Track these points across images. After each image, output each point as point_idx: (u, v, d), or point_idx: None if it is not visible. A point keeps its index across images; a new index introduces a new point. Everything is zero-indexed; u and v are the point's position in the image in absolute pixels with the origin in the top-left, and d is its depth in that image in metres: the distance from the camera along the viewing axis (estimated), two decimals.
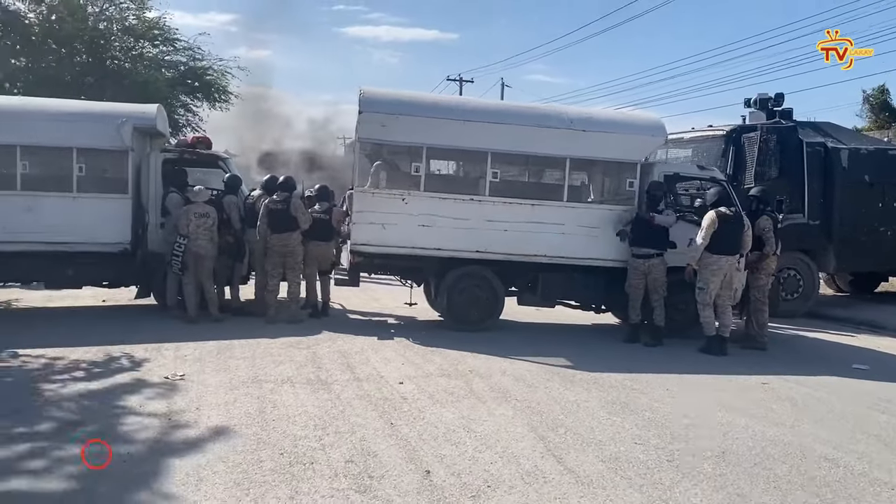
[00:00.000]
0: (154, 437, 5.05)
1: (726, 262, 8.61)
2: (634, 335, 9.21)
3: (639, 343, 9.07)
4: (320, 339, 8.60)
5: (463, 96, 20.39)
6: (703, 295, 8.68)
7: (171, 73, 20.83)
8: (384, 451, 4.83)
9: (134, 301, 10.41)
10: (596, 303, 10.04)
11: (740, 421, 5.92)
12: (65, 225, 9.37)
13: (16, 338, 8.07)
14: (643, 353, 8.69)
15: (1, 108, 10.14)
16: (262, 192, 10.00)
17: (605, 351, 8.74)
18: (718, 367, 7.96)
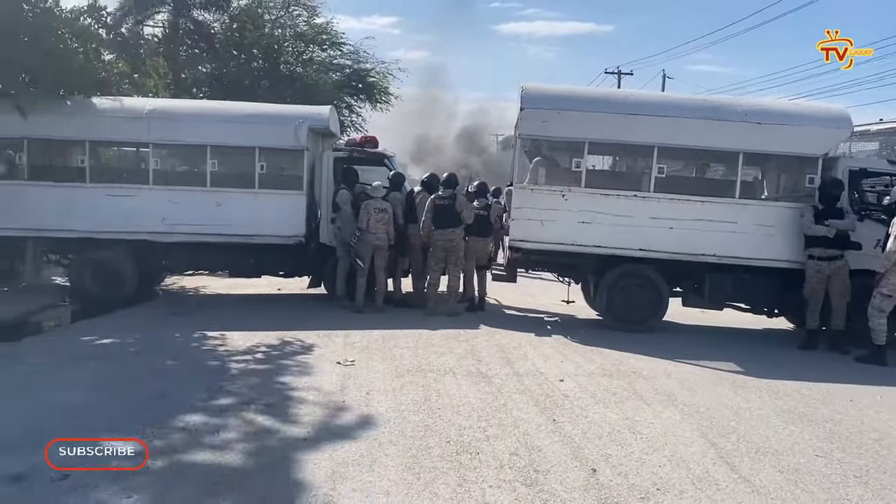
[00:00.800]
0: (329, 418, 5.35)
1: None
2: (812, 342, 8.59)
3: (816, 350, 8.44)
4: (478, 332, 8.73)
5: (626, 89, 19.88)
6: (887, 302, 7.91)
7: (337, 76, 21.91)
8: (548, 447, 4.83)
9: (306, 290, 11.09)
10: (768, 306, 9.44)
11: None
12: (247, 219, 10.14)
13: (204, 321, 8.90)
14: (821, 360, 8.09)
15: (194, 111, 11.18)
16: (421, 189, 10.33)
17: (777, 357, 8.23)
18: None
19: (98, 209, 9.94)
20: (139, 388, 5.99)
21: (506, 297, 11.30)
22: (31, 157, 10.20)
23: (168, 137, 10.31)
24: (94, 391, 5.87)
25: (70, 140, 10.47)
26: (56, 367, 6.68)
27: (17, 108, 9.54)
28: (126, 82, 12.79)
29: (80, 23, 11.06)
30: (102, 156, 11.74)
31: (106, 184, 10.24)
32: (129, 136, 10.51)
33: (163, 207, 10.05)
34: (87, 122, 10.14)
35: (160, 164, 10.57)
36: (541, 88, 9.67)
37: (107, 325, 8.71)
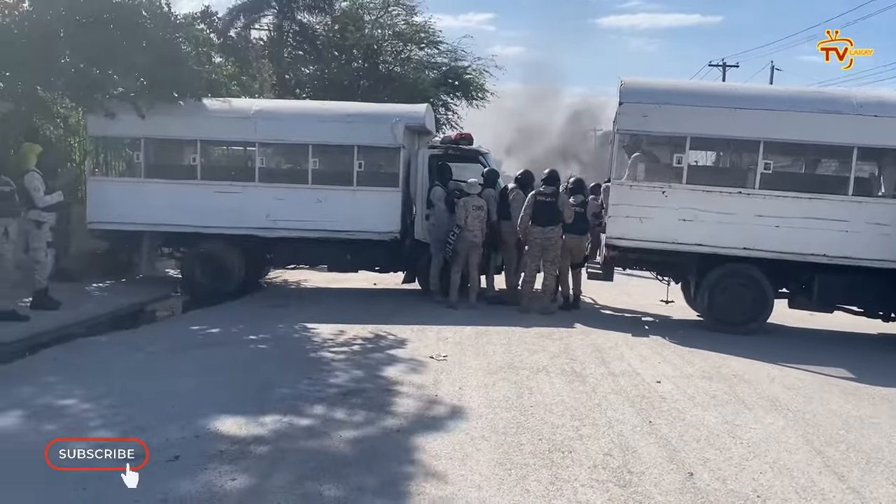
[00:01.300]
0: (422, 411, 5.44)
1: None
2: None
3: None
4: (573, 331, 8.64)
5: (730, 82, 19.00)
6: None
7: (434, 74, 22.15)
8: (643, 449, 4.74)
9: (401, 285, 11.29)
10: (884, 309, 8.88)
11: None
12: (345, 215, 10.42)
13: (305, 313, 9.22)
14: None
15: (297, 111, 11.60)
16: (515, 186, 10.31)
17: (893, 364, 7.73)
18: None
19: (208, 205, 10.44)
20: (245, 375, 6.28)
21: (602, 297, 11.11)
22: (147, 155, 10.84)
23: (273, 137, 10.74)
24: (205, 377, 6.20)
25: (182, 139, 11.06)
26: (170, 355, 7.10)
27: (135, 109, 10.17)
28: (234, 84, 13.38)
29: (193, 28, 11.67)
30: (212, 154, 12.34)
31: (215, 181, 10.76)
32: (236, 135, 11.03)
33: (267, 204, 10.46)
34: (198, 123, 10.68)
35: (265, 162, 11.04)
36: (640, 82, 9.46)
37: (215, 316, 9.17)
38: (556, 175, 9.87)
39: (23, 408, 5.26)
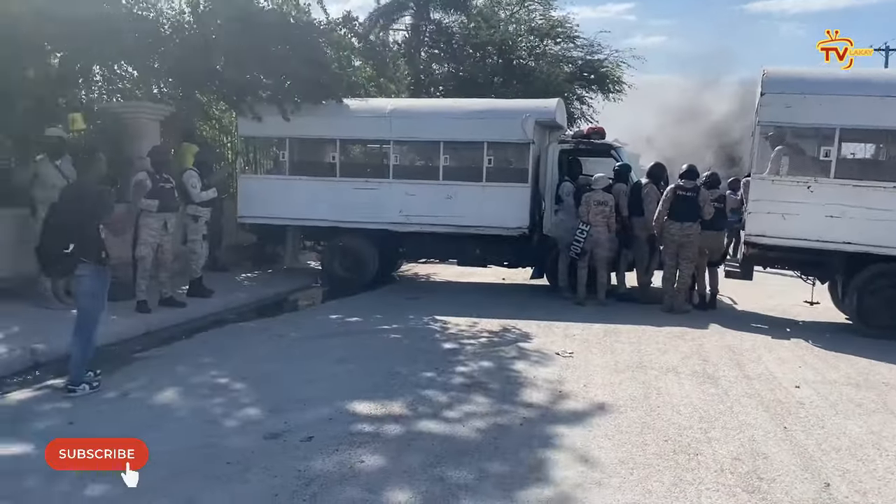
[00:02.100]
0: (546, 406, 5.49)
1: None
2: None
3: None
4: (707, 332, 8.35)
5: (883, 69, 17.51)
6: None
7: (569, 68, 21.87)
8: (776, 455, 4.55)
9: (529, 281, 11.33)
10: None
11: None
12: (474, 211, 10.59)
13: (435, 306, 9.51)
14: None
15: (430, 109, 11.92)
16: (649, 181, 10.06)
17: None
18: None
19: (346, 201, 10.94)
20: (378, 363, 6.59)
21: (740, 297, 10.61)
22: (292, 154, 11.52)
23: (406, 134, 11.10)
24: (340, 364, 6.57)
25: (323, 139, 11.66)
26: (309, 341, 7.56)
27: (280, 111, 10.83)
28: (371, 85, 13.91)
29: (336, 33, 12.26)
30: (350, 152, 12.91)
31: (352, 178, 11.26)
32: (373, 133, 11.50)
33: (400, 199, 10.83)
34: (338, 122, 11.22)
35: (399, 159, 11.42)
36: (784, 72, 8.96)
37: (351, 306, 9.63)
38: (696, 170, 9.54)
39: (181, 385, 5.82)
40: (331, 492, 3.86)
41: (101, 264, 5.51)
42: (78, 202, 5.48)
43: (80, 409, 5.18)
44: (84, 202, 5.47)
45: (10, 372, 6.05)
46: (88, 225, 5.45)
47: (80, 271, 5.44)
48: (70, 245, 5.33)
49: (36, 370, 6.19)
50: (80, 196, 5.56)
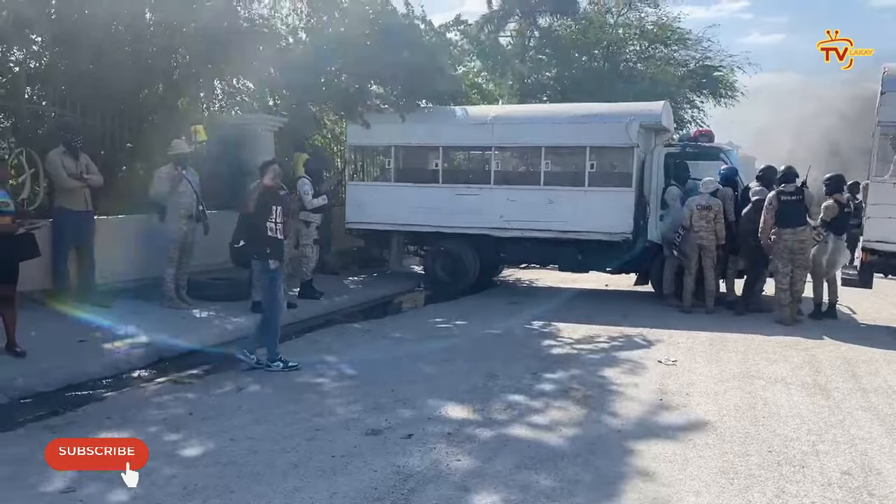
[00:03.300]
0: (645, 414, 5.43)
1: None
2: None
3: None
4: (821, 343, 7.96)
5: None
6: None
7: (680, 71, 21.30)
8: (890, 471, 4.32)
9: (633, 287, 11.15)
10: None
11: None
12: (576, 216, 10.54)
13: (535, 311, 9.56)
14: None
15: (531, 115, 11.99)
16: (761, 186, 9.65)
17: None
18: None
19: (448, 207, 11.16)
20: (476, 365, 6.71)
21: (861, 307, 10.01)
22: (397, 161, 11.87)
23: (508, 140, 11.22)
24: (439, 365, 6.74)
25: (427, 146, 11.93)
26: (411, 343, 7.79)
27: (398, 113, 11.20)
28: (474, 91, 14.13)
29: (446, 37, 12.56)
30: (453, 159, 13.15)
31: (455, 184, 11.47)
32: (475, 140, 11.66)
33: (501, 205, 10.93)
34: (441, 130, 11.48)
35: (500, 165, 11.52)
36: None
37: (452, 310, 9.81)
38: (794, 171, 9.08)
39: (290, 382, 6.17)
40: (425, 489, 3.99)
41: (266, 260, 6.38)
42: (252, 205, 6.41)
43: (200, 402, 5.59)
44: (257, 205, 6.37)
45: (135, 366, 6.58)
46: (258, 225, 6.35)
47: (254, 266, 6.61)
48: (241, 241, 6.51)
49: (161, 364, 6.71)
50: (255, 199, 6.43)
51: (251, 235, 6.45)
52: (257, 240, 6.39)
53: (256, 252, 6.44)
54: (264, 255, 6.37)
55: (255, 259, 6.56)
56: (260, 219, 6.34)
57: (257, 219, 6.36)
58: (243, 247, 6.54)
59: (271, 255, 6.37)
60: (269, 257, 6.37)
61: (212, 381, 6.19)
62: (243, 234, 6.56)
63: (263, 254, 6.37)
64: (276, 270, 6.45)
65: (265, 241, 6.36)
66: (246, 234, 6.52)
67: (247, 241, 6.50)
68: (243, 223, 6.63)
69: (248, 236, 6.50)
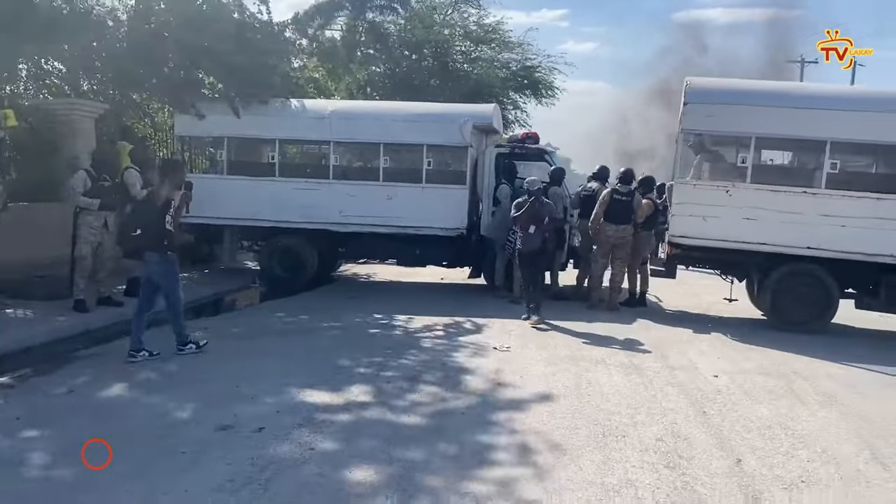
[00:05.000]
0: (484, 396, 5.79)
1: None
2: None
3: None
4: (634, 327, 8.83)
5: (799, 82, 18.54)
6: None
7: (503, 73, 22.31)
8: (695, 436, 4.97)
9: (467, 280, 11.64)
10: None
11: None
12: (414, 212, 10.83)
13: (375, 304, 9.73)
14: None
15: (370, 111, 12.11)
16: (600, 184, 10.47)
17: None
18: None
19: (285, 201, 11.01)
20: (321, 358, 6.77)
21: (667, 295, 11.20)
22: (230, 154, 11.53)
23: (347, 136, 11.25)
24: (284, 360, 6.71)
25: (262, 139, 11.66)
26: (250, 340, 7.65)
27: (232, 107, 10.85)
28: (311, 86, 14.00)
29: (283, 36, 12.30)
30: (289, 153, 12.96)
31: (292, 178, 11.34)
32: (312, 134, 11.61)
33: (340, 200, 10.97)
34: (278, 123, 11.27)
35: (339, 160, 11.53)
36: (706, 82, 9.55)
37: (292, 306, 9.73)
38: (632, 174, 10.05)
39: (127, 381, 5.89)
40: (286, 475, 4.05)
41: (165, 251, 6.60)
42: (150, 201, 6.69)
43: (31, 405, 5.21)
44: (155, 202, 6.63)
45: None
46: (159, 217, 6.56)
47: (148, 257, 6.60)
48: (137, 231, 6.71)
49: None
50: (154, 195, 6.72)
51: (148, 227, 6.62)
52: (155, 231, 6.56)
53: (153, 243, 6.58)
54: (163, 247, 6.57)
55: (150, 251, 6.61)
56: (162, 211, 6.56)
57: (160, 211, 6.56)
58: (139, 237, 6.72)
59: (169, 245, 6.63)
60: (168, 248, 6.61)
61: (40, 384, 5.79)
62: (140, 225, 6.74)
63: (161, 245, 6.56)
64: (174, 259, 6.74)
65: (163, 233, 6.57)
66: (143, 226, 6.69)
67: (143, 232, 6.67)
68: (140, 215, 6.84)
69: (144, 228, 6.67)
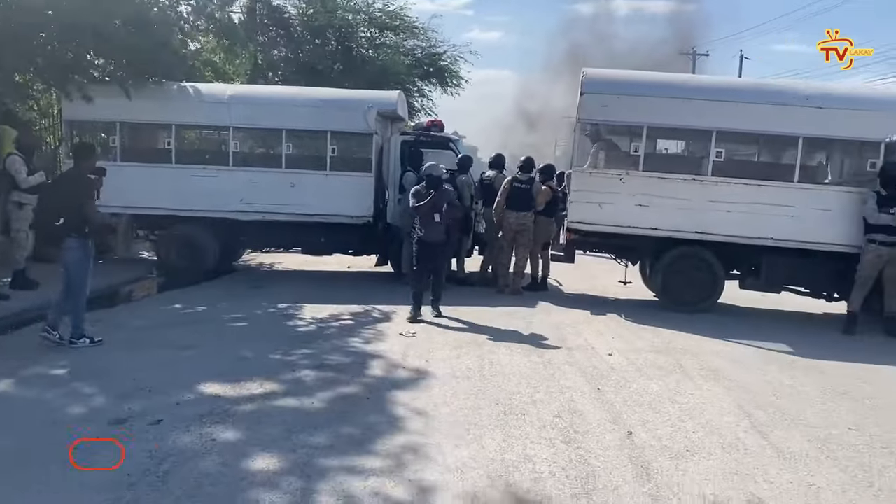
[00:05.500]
0: (390, 380, 5.86)
1: None
2: (853, 325, 8.57)
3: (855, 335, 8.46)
4: (536, 310, 9.10)
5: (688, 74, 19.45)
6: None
7: (408, 60, 22.27)
8: (590, 412, 5.20)
9: (374, 268, 11.65)
10: (827, 290, 9.44)
11: None
12: (319, 199, 10.71)
13: (280, 294, 9.60)
14: (875, 344, 8.12)
15: (271, 96, 11.85)
16: (496, 172, 10.67)
17: (832, 339, 8.30)
18: None
19: (183, 188, 10.65)
20: (222, 349, 6.65)
21: (567, 279, 11.58)
22: (123, 139, 11.04)
23: (247, 121, 10.97)
24: (183, 352, 6.54)
25: (158, 123, 11.25)
26: (149, 331, 7.41)
27: (123, 89, 10.33)
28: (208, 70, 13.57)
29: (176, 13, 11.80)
30: (187, 138, 12.53)
31: (190, 165, 10.99)
32: (211, 119, 11.25)
33: (241, 187, 10.71)
34: (174, 107, 10.89)
35: (239, 146, 11.26)
36: (601, 73, 9.89)
37: (192, 296, 9.46)
38: (532, 162, 10.30)
39: (14, 377, 5.61)
40: (186, 466, 3.98)
41: (85, 238, 6.59)
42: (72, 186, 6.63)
43: None
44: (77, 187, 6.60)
45: None
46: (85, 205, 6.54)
47: (69, 243, 6.51)
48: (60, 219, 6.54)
49: None
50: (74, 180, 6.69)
51: (71, 214, 6.52)
52: (78, 218, 6.52)
53: (76, 230, 6.53)
54: (84, 233, 6.57)
55: (71, 237, 6.54)
56: (82, 196, 6.55)
57: (81, 196, 6.55)
58: (62, 225, 6.56)
59: (90, 233, 6.65)
60: (89, 236, 6.63)
61: None
62: (63, 213, 6.59)
63: (83, 232, 6.56)
64: (90, 248, 6.71)
65: (86, 220, 6.56)
66: (66, 213, 6.55)
67: (66, 220, 6.54)
68: (62, 202, 6.65)
69: (67, 215, 6.54)
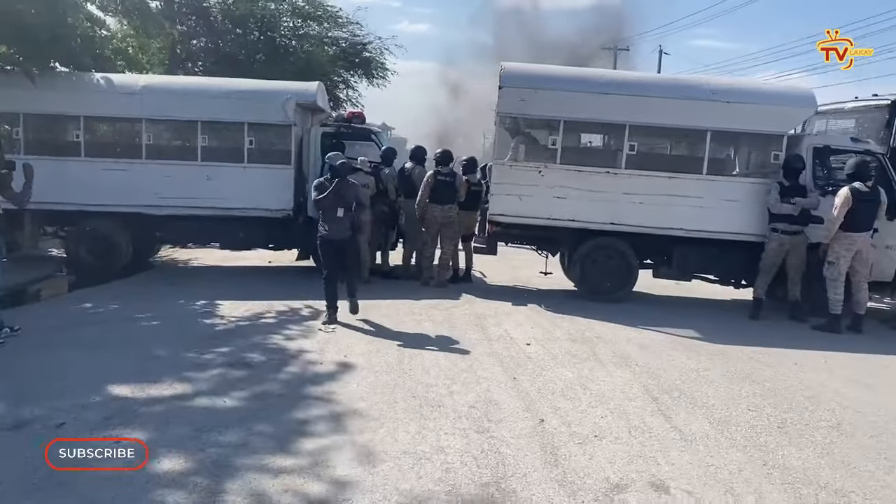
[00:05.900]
0: (306, 376, 5.82)
1: (860, 238, 8.30)
2: (758, 311, 9.03)
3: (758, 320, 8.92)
4: (458, 302, 9.18)
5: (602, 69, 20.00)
6: (832, 270, 8.40)
7: (332, 50, 21.99)
8: (505, 401, 5.30)
9: (295, 263, 11.50)
10: (735, 277, 9.87)
11: (867, 397, 5.83)
12: (236, 193, 10.48)
13: (196, 291, 9.36)
14: (779, 328, 8.54)
15: (186, 87, 11.49)
16: (414, 164, 10.67)
17: (739, 325, 8.68)
18: (858, 346, 7.73)
19: (93, 183, 10.24)
20: (135, 349, 6.46)
21: (490, 270, 11.71)
22: (27, 131, 10.53)
23: (160, 113, 10.61)
24: (93, 352, 6.32)
25: (65, 115, 10.77)
26: (56, 332, 7.12)
27: (27, 76, 9.82)
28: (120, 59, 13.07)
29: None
30: (97, 131, 12.04)
31: (100, 158, 10.57)
32: (122, 111, 10.79)
33: (155, 181, 10.37)
34: (82, 98, 10.44)
35: (152, 139, 10.88)
36: (519, 67, 10.02)
37: (103, 295, 9.14)
38: (449, 154, 10.36)
39: None
40: (84, 473, 3.85)
41: None
42: None
43: None
44: None
45: None
46: None
47: None
48: None
49: None
50: None
51: None
52: None
53: None
54: None
55: None
56: None
57: None
58: None
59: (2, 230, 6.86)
60: None
61: None
62: None
63: None
64: None
65: None
66: None
67: None
68: None
69: None
